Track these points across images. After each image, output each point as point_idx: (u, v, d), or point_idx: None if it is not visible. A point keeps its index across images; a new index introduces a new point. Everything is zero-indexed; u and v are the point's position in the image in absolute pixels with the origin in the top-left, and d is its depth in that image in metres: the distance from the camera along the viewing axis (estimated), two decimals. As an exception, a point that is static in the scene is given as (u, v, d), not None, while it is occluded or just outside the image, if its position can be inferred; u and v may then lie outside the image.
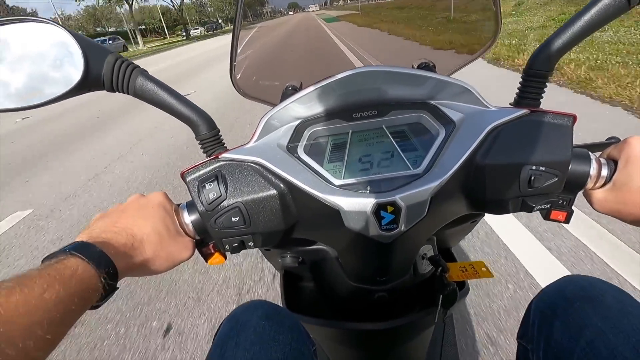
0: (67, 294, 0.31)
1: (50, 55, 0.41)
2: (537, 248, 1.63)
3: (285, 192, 0.43)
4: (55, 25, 0.40)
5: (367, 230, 0.41)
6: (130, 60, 0.43)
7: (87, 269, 0.34)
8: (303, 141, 0.47)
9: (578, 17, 0.41)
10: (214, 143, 0.47)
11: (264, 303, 0.55)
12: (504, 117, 0.42)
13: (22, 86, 0.40)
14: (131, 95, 0.44)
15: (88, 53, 0.40)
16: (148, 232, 0.41)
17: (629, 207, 0.41)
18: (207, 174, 0.44)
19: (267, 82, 0.69)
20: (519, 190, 0.42)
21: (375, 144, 0.47)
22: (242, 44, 0.61)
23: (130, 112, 5.81)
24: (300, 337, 0.52)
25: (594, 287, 0.49)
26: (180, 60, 14.03)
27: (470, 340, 1.27)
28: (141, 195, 0.46)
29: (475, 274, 0.57)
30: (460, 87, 0.45)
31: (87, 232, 0.40)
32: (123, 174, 3.34)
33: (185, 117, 0.46)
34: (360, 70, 0.42)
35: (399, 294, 0.56)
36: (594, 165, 0.43)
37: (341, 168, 0.45)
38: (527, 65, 0.44)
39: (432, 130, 0.46)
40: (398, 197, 0.40)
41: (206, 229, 0.45)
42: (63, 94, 0.41)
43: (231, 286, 1.68)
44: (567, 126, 0.42)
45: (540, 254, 1.59)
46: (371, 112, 0.47)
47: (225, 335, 0.50)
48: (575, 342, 0.44)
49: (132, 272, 0.40)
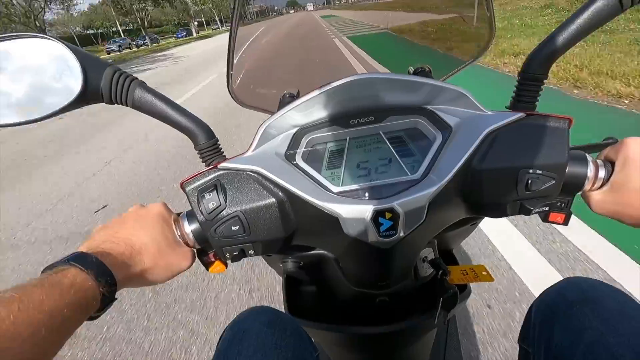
0: (66, 304, 0.31)
1: (49, 70, 0.41)
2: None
3: (284, 200, 0.44)
4: (53, 40, 0.40)
5: (366, 237, 0.42)
6: (128, 72, 0.44)
7: (86, 279, 0.34)
8: (301, 148, 0.47)
9: (572, 21, 0.41)
10: (212, 152, 0.48)
11: (266, 309, 0.55)
12: (500, 121, 0.43)
13: (21, 101, 0.41)
14: (130, 107, 0.44)
15: (86, 66, 0.41)
16: (146, 242, 0.41)
17: (627, 208, 0.41)
18: (207, 183, 0.44)
19: (264, 90, 0.70)
20: (516, 193, 0.42)
21: (373, 150, 0.47)
22: (238, 53, 0.62)
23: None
24: (303, 343, 0.52)
25: (594, 290, 0.49)
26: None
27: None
28: (141, 206, 0.46)
29: (475, 278, 0.57)
30: (456, 92, 0.45)
31: (87, 243, 0.40)
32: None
33: (184, 127, 0.46)
34: (357, 77, 0.43)
35: (400, 298, 0.57)
36: (591, 167, 0.43)
37: (339, 175, 0.45)
38: (522, 68, 0.44)
39: (429, 135, 0.46)
40: (396, 203, 0.40)
41: (206, 238, 0.45)
42: (62, 108, 0.41)
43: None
44: (563, 129, 0.42)
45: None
46: (368, 118, 0.47)
47: (228, 343, 0.50)
48: (575, 345, 0.44)
49: (131, 282, 0.40)
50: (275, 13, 0.84)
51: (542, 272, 1.50)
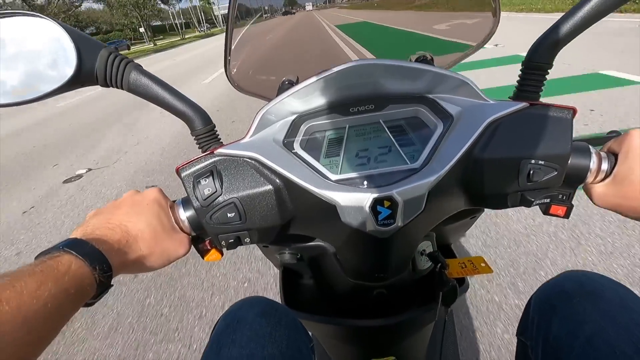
0: (60, 291, 0.31)
1: (43, 50, 0.40)
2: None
3: (281, 187, 0.43)
4: (47, 18, 0.39)
5: (363, 226, 0.41)
6: (123, 55, 0.43)
7: (81, 266, 0.33)
8: (299, 136, 0.47)
9: (578, 8, 0.40)
10: (209, 138, 0.47)
11: (261, 299, 0.55)
12: (502, 111, 0.42)
13: (15, 81, 0.40)
14: (125, 90, 0.44)
15: (81, 47, 0.40)
16: (142, 228, 0.41)
17: (630, 201, 0.41)
18: (202, 169, 0.43)
19: (263, 76, 0.69)
20: (517, 184, 0.42)
21: (373, 138, 0.46)
22: (236, 38, 0.61)
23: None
24: (298, 334, 0.52)
25: (593, 282, 0.48)
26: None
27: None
28: (136, 192, 0.45)
29: (474, 270, 0.56)
30: (458, 81, 0.44)
31: (81, 229, 0.39)
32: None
33: (180, 111, 0.45)
34: (357, 63, 0.42)
35: (398, 291, 0.56)
36: (594, 159, 0.42)
37: (338, 163, 0.45)
38: (527, 58, 0.43)
39: (429, 124, 0.46)
40: (395, 191, 0.39)
41: (202, 225, 0.45)
42: (56, 89, 0.41)
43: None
44: (567, 119, 0.41)
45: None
46: (368, 106, 0.47)
47: (222, 332, 0.49)
48: (574, 337, 0.43)
49: (127, 269, 0.40)
50: (269, 14, 0.80)
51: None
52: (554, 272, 1.45)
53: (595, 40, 5.12)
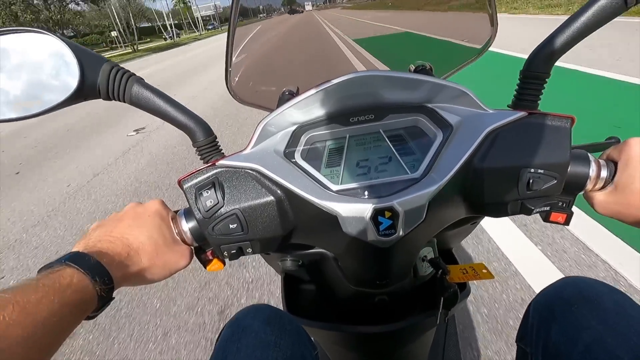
0: (63, 305, 0.31)
1: (47, 65, 0.40)
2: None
3: (282, 198, 0.43)
4: (50, 35, 0.39)
5: (365, 236, 0.41)
6: (125, 68, 0.43)
7: (83, 279, 0.34)
8: (300, 146, 0.47)
9: (575, 18, 0.40)
10: (210, 150, 0.47)
11: (265, 307, 0.55)
12: (501, 120, 0.42)
13: (19, 96, 0.40)
14: (127, 103, 0.44)
15: (83, 62, 0.40)
16: (143, 241, 0.41)
17: (630, 209, 0.41)
18: (204, 181, 0.44)
19: (263, 87, 0.69)
20: (517, 193, 0.42)
21: (373, 148, 0.47)
22: (237, 50, 0.61)
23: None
24: (302, 342, 0.52)
25: (592, 289, 0.48)
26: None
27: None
28: (138, 204, 0.46)
29: (475, 276, 0.57)
30: (457, 91, 0.45)
31: (83, 242, 0.40)
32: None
33: (182, 124, 0.46)
34: (357, 74, 0.42)
35: (400, 297, 0.56)
36: (593, 167, 0.43)
37: (339, 173, 0.45)
38: (525, 67, 0.44)
39: (429, 133, 0.46)
40: (396, 202, 0.40)
41: (204, 236, 0.45)
42: (59, 103, 0.41)
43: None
44: (566, 128, 0.41)
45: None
46: (368, 116, 0.47)
47: (227, 340, 0.50)
48: (573, 345, 0.44)
49: (129, 281, 0.40)
50: (270, 13, 0.81)
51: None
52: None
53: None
